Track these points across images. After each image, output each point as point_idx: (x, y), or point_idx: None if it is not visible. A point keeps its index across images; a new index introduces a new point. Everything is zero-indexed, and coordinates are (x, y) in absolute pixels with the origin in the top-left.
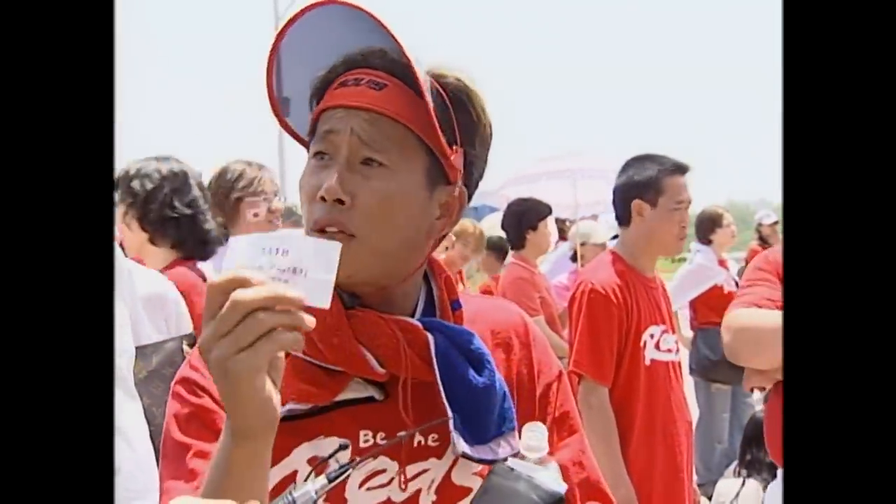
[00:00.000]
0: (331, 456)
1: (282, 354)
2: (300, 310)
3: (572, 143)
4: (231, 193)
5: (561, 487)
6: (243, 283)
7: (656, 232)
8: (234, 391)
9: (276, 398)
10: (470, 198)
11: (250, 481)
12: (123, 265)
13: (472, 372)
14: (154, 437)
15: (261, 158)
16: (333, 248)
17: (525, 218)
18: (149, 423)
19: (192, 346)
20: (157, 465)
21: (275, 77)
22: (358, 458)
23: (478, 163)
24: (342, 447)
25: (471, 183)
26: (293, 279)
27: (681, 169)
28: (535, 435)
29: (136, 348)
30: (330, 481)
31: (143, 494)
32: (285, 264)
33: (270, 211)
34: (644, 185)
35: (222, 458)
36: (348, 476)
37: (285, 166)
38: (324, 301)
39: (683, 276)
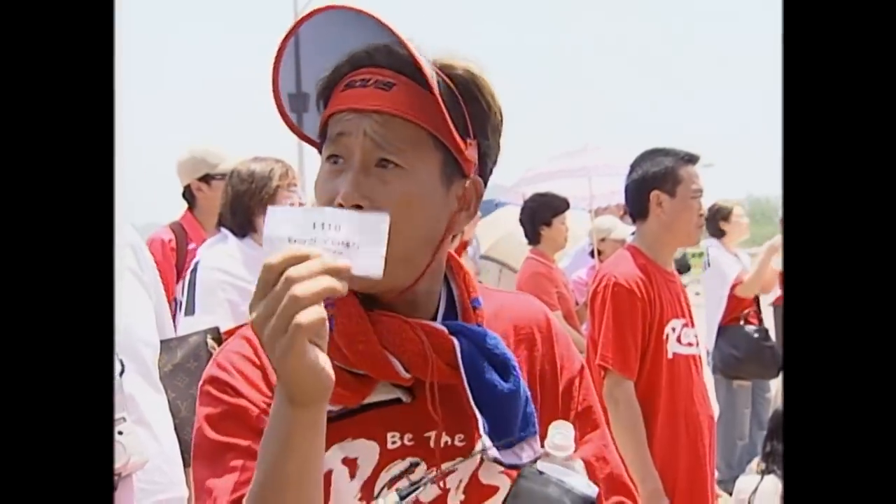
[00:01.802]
0: (403, 474)
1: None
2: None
3: (587, 139)
4: (270, 183)
5: (592, 491)
6: (299, 261)
7: (676, 222)
8: (289, 366)
9: (329, 366)
10: (485, 185)
11: (311, 446)
12: (149, 258)
13: (497, 377)
14: (178, 430)
15: (280, 155)
16: (382, 221)
17: (538, 214)
18: (173, 416)
19: (215, 340)
20: (184, 459)
21: (290, 85)
22: (431, 474)
23: (491, 152)
24: (413, 465)
25: (486, 172)
26: (346, 252)
27: (693, 159)
28: (561, 433)
29: (161, 342)
30: (402, 499)
31: (168, 487)
32: (338, 238)
33: (300, 203)
34: (661, 177)
35: (281, 427)
36: (419, 493)
37: (304, 162)
38: (376, 272)
39: (707, 283)
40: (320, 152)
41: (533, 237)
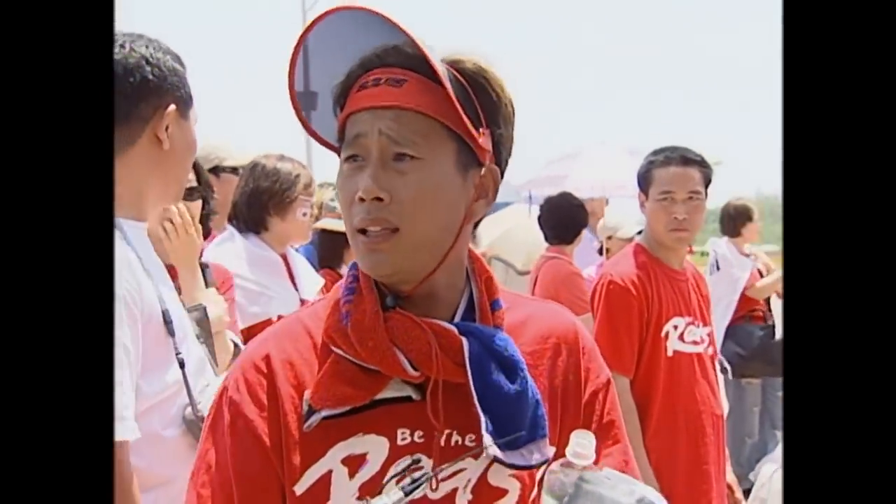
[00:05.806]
0: (405, 470)
1: None
2: None
3: (599, 138)
4: (294, 188)
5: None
6: None
7: (650, 222)
8: None
9: None
10: (502, 175)
11: None
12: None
13: (504, 378)
14: None
15: (287, 149)
16: None
17: (581, 215)
18: None
19: (198, 323)
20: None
21: (298, 84)
22: (438, 470)
23: (505, 141)
24: (414, 462)
25: (501, 161)
26: None
27: (680, 160)
28: (583, 442)
29: None
30: (406, 494)
31: (173, 480)
32: None
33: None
34: (639, 178)
35: None
36: (423, 489)
37: (312, 157)
38: None
39: (716, 287)
40: (339, 155)
41: (570, 238)
